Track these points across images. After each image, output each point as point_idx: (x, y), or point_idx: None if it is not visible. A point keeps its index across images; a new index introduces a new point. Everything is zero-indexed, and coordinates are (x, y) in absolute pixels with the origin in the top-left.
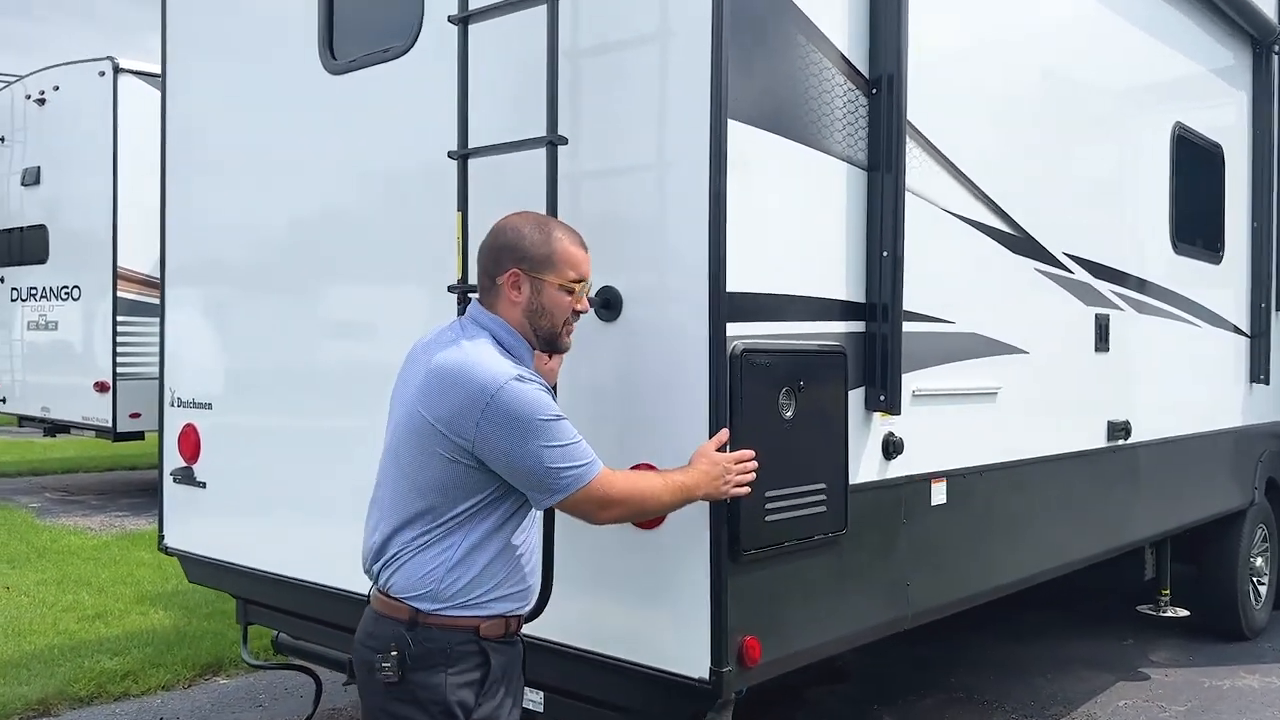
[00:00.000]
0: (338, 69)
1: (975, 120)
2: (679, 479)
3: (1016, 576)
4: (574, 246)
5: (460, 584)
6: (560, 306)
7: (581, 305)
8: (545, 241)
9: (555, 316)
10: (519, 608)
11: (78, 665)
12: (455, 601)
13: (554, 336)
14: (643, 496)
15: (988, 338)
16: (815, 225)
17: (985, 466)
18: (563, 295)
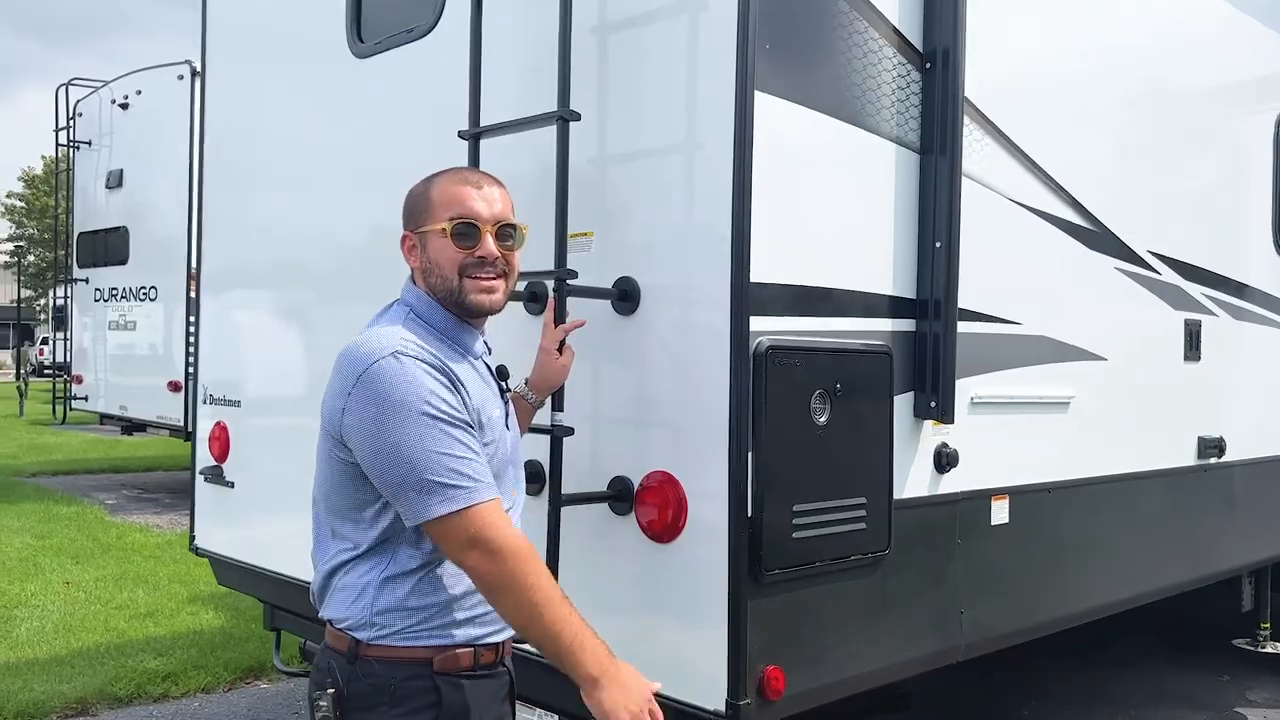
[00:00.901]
0: (364, 52)
1: (1046, 102)
2: (580, 630)
3: (1087, 606)
4: (455, 184)
5: (398, 608)
6: (444, 255)
7: (484, 250)
8: (424, 191)
9: (444, 269)
10: (491, 634)
11: (121, 664)
12: (396, 629)
13: (452, 294)
14: (527, 573)
15: (1060, 341)
16: (858, 212)
17: (1055, 483)
18: (445, 241)
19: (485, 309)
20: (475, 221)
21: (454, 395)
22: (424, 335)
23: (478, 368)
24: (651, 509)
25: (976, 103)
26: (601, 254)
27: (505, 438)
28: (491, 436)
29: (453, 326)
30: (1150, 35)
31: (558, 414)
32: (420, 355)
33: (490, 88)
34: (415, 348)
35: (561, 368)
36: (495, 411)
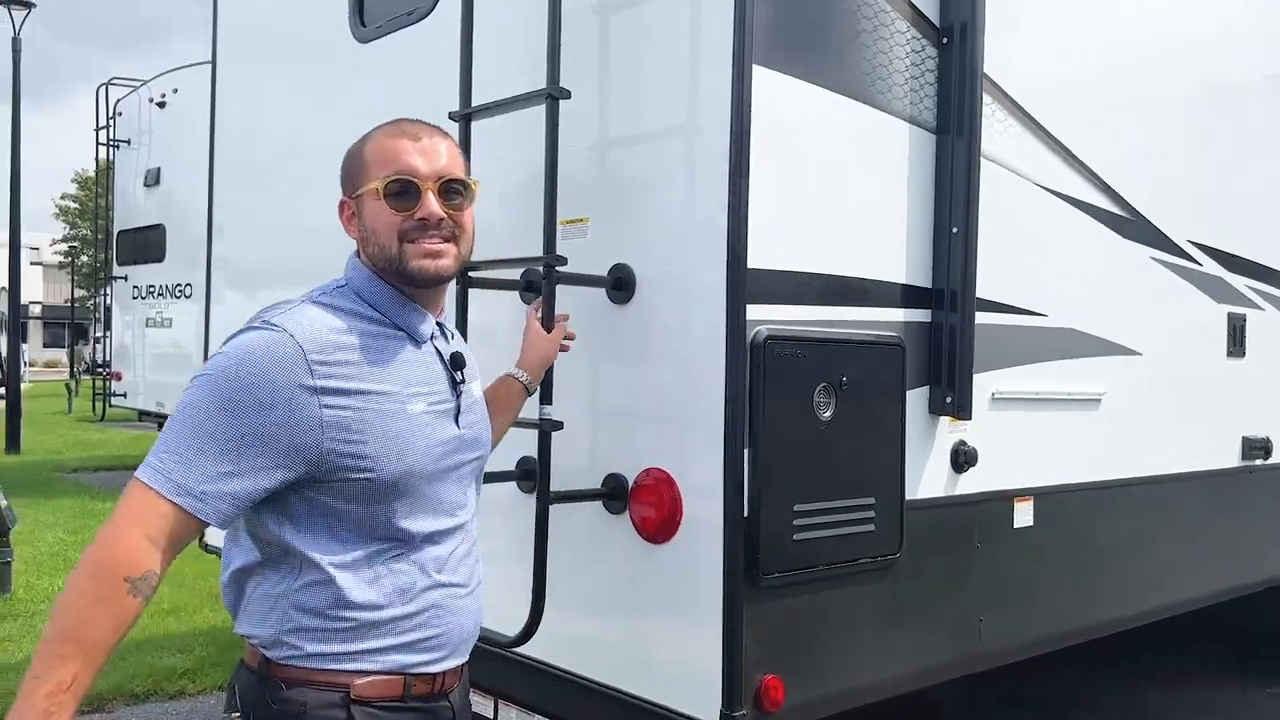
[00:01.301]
0: (366, 36)
1: (1075, 81)
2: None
3: (1120, 614)
4: (389, 138)
5: (314, 626)
6: (381, 220)
7: (425, 210)
8: (359, 149)
9: (380, 236)
10: (428, 662)
11: (141, 661)
12: (309, 650)
13: (393, 263)
14: (93, 549)
15: (1090, 335)
16: (868, 195)
17: (1084, 484)
18: (380, 204)
19: (431, 276)
20: (413, 178)
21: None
22: (347, 316)
23: (422, 354)
24: (645, 507)
25: (999, 81)
26: (598, 240)
27: (442, 433)
28: (406, 427)
29: (395, 306)
30: (1190, 11)
31: (546, 407)
32: (291, 326)
33: (490, 70)
34: (307, 325)
35: (552, 344)
36: (420, 406)
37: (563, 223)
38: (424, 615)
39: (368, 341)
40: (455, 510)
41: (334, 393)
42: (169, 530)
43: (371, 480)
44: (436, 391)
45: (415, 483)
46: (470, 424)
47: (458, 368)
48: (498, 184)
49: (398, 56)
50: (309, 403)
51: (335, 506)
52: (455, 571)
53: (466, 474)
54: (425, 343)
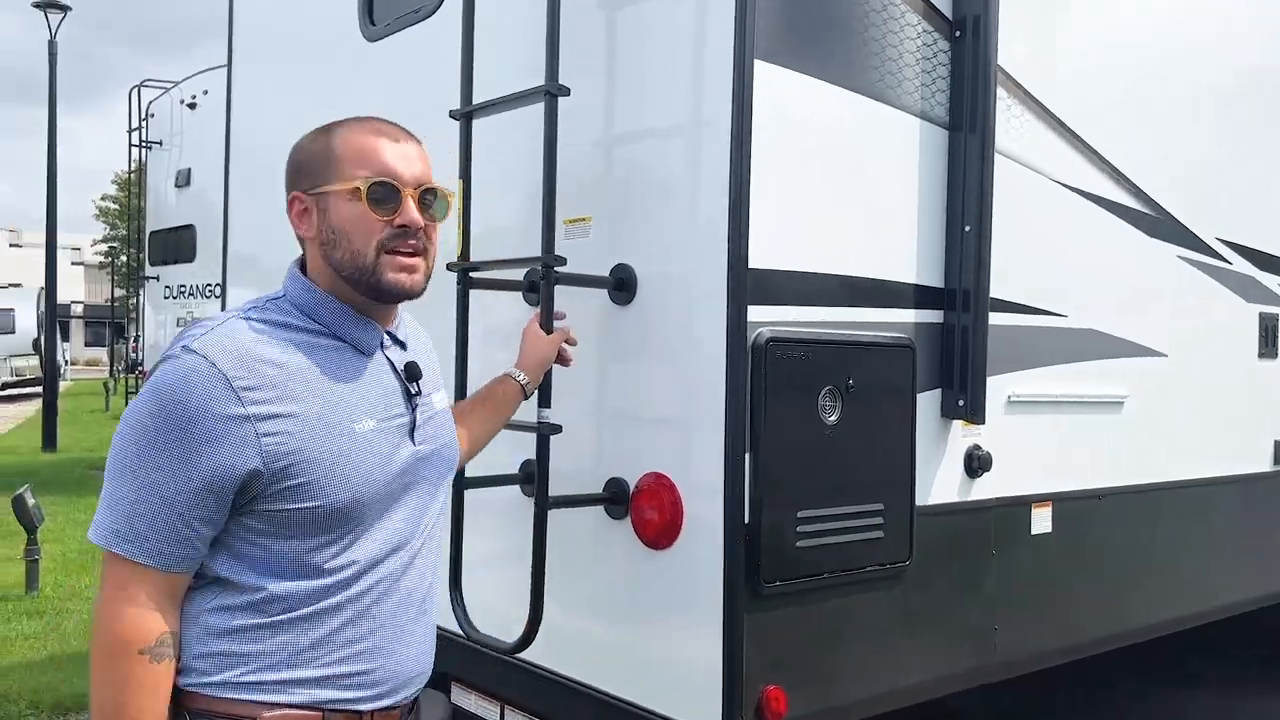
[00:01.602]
0: (375, 35)
1: (1096, 74)
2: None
3: (1144, 623)
4: (366, 134)
5: (224, 652)
6: (356, 223)
7: (406, 217)
8: (324, 143)
9: (354, 240)
10: (355, 700)
11: None
12: (218, 677)
13: (364, 272)
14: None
15: (1112, 336)
16: (877, 193)
17: (1106, 490)
18: (358, 206)
19: (404, 293)
20: (396, 182)
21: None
22: (279, 330)
23: (372, 366)
24: (646, 512)
25: (1015, 75)
26: (600, 240)
27: (396, 452)
28: (352, 448)
29: (343, 319)
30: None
31: (544, 410)
32: (224, 358)
33: (495, 70)
34: (229, 346)
35: (551, 345)
36: (368, 424)
37: (565, 222)
38: (353, 648)
39: (304, 357)
40: (407, 532)
41: (269, 418)
42: (157, 591)
43: (318, 509)
44: (389, 406)
45: (364, 508)
46: (429, 438)
47: (413, 379)
48: (502, 184)
49: (405, 54)
50: (243, 431)
51: (275, 532)
52: (398, 600)
53: (425, 492)
54: (373, 354)
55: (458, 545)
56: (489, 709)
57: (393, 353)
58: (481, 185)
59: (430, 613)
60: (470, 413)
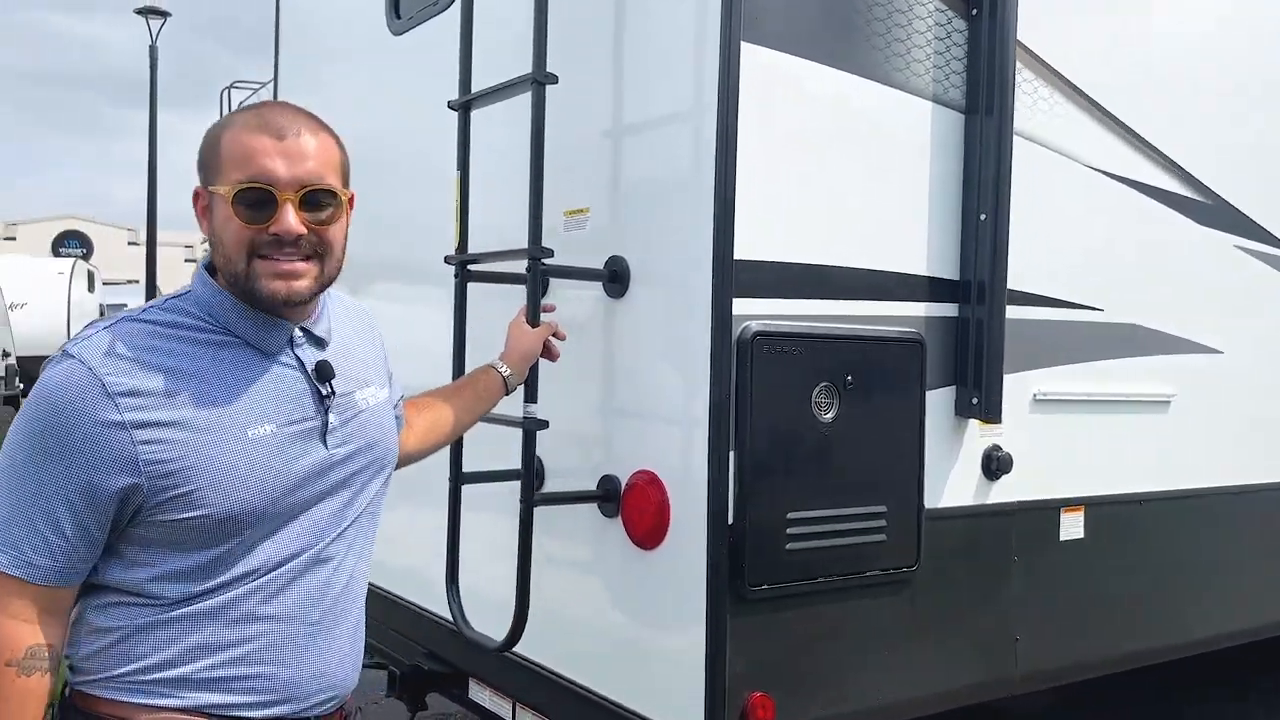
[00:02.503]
0: (400, 28)
1: (1137, 51)
2: None
3: (1190, 638)
4: (249, 132)
5: (101, 649)
6: (229, 230)
7: (280, 225)
8: (216, 136)
9: (228, 247)
10: (244, 705)
11: None
12: (99, 675)
13: (238, 279)
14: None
15: (1157, 331)
16: (883, 182)
17: (1147, 495)
18: (230, 210)
19: (281, 300)
20: (270, 186)
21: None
22: (170, 331)
23: (275, 368)
24: (634, 511)
25: (1043, 55)
26: (597, 232)
27: (300, 458)
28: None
29: (237, 316)
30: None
31: (530, 405)
32: (102, 363)
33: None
34: (109, 350)
35: (536, 338)
36: (265, 429)
37: (566, 214)
38: (235, 651)
39: (194, 361)
40: (310, 538)
41: (147, 425)
42: (33, 603)
43: (205, 518)
44: (294, 410)
45: (256, 516)
46: (349, 438)
47: (324, 379)
48: (508, 176)
49: (427, 46)
50: (119, 440)
51: (161, 539)
52: (292, 605)
53: (342, 495)
54: (279, 355)
55: (454, 542)
56: (502, 705)
57: (304, 352)
58: (487, 178)
59: (349, 620)
60: (446, 400)
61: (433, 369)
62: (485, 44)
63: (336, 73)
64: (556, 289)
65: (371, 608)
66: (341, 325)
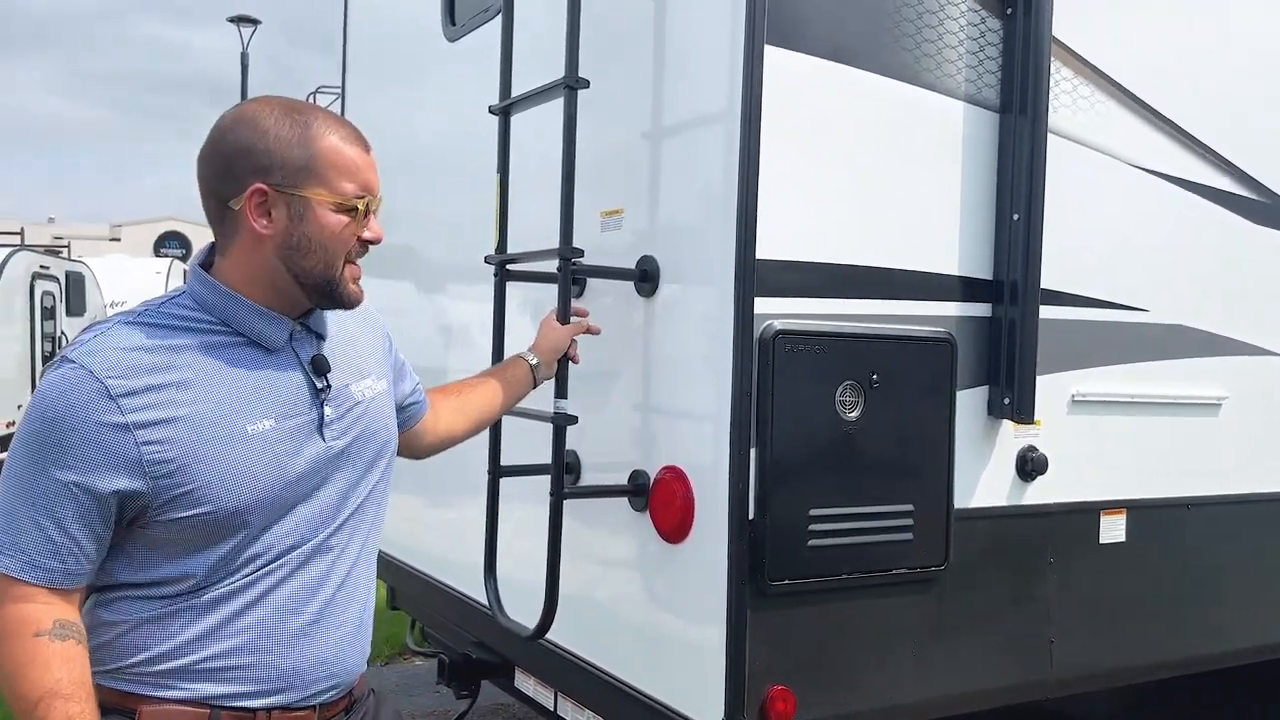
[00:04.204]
0: (454, 35)
1: (1188, 48)
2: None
3: (1241, 645)
4: (349, 145)
5: (109, 640)
6: (335, 236)
7: (374, 232)
8: (303, 138)
9: (329, 251)
10: (242, 695)
11: None
12: (100, 668)
13: (330, 285)
14: (6, 668)
15: (1206, 332)
16: (912, 182)
17: (1196, 499)
18: (338, 218)
19: (357, 302)
20: (372, 198)
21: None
22: (168, 331)
23: (275, 361)
24: (660, 506)
25: (1083, 53)
26: (630, 232)
27: (299, 452)
28: (243, 451)
29: (241, 311)
30: None
31: (560, 401)
32: (103, 366)
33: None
34: (109, 352)
35: (566, 334)
36: (265, 424)
37: (602, 214)
38: (242, 640)
39: (194, 357)
40: (308, 529)
41: (150, 425)
42: (46, 599)
43: (208, 515)
44: (293, 404)
45: (257, 510)
46: (346, 430)
47: (320, 373)
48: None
49: (481, 52)
50: (122, 441)
51: (163, 536)
52: (290, 594)
53: (340, 486)
54: (280, 349)
55: (493, 532)
56: (545, 694)
57: (301, 346)
58: (533, 180)
59: (353, 608)
60: (474, 387)
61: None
62: (535, 50)
63: (398, 78)
64: (592, 287)
65: (426, 597)
66: (343, 318)
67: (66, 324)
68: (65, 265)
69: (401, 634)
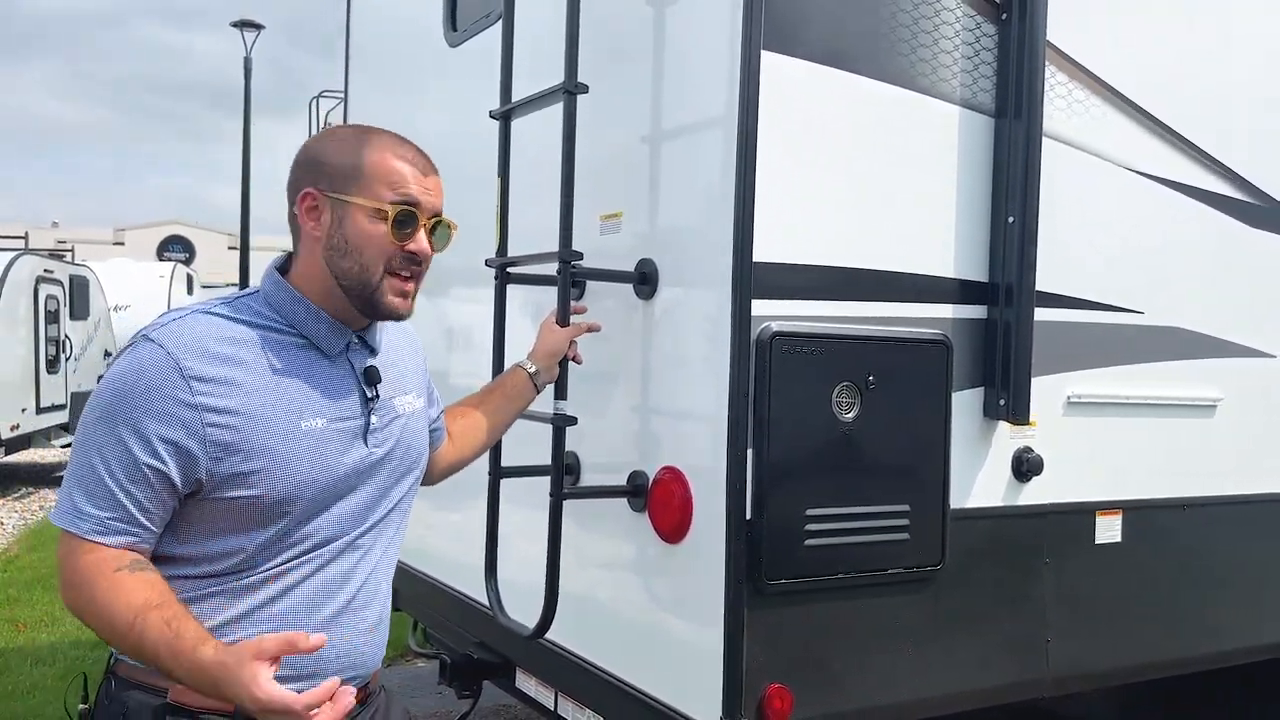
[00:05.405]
0: (456, 40)
1: (1182, 52)
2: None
3: (1231, 647)
4: (396, 157)
5: None
6: (370, 241)
7: (418, 244)
8: (354, 149)
9: (365, 256)
10: None
11: None
12: None
13: (366, 290)
14: (95, 608)
15: (1200, 334)
16: (909, 185)
17: (1191, 499)
18: (374, 225)
19: (397, 315)
20: (416, 210)
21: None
22: (242, 326)
23: (332, 368)
24: (658, 507)
25: (1078, 57)
26: (630, 235)
27: (345, 453)
28: (295, 444)
29: (312, 321)
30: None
31: (560, 402)
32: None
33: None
34: (186, 337)
35: (563, 337)
36: (317, 423)
37: (601, 218)
38: (273, 626)
39: (262, 353)
40: (343, 527)
41: (216, 410)
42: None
43: (256, 498)
44: (344, 408)
45: (301, 501)
46: (384, 441)
47: (371, 383)
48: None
49: (481, 57)
50: (190, 418)
51: (211, 518)
52: (324, 590)
53: (374, 491)
54: (337, 357)
55: (493, 532)
56: (545, 694)
57: (356, 356)
58: (535, 183)
59: (375, 605)
60: (477, 406)
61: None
62: (535, 54)
63: (399, 82)
64: (592, 290)
65: (428, 598)
66: (390, 337)
67: (70, 328)
68: (69, 269)
69: (403, 635)
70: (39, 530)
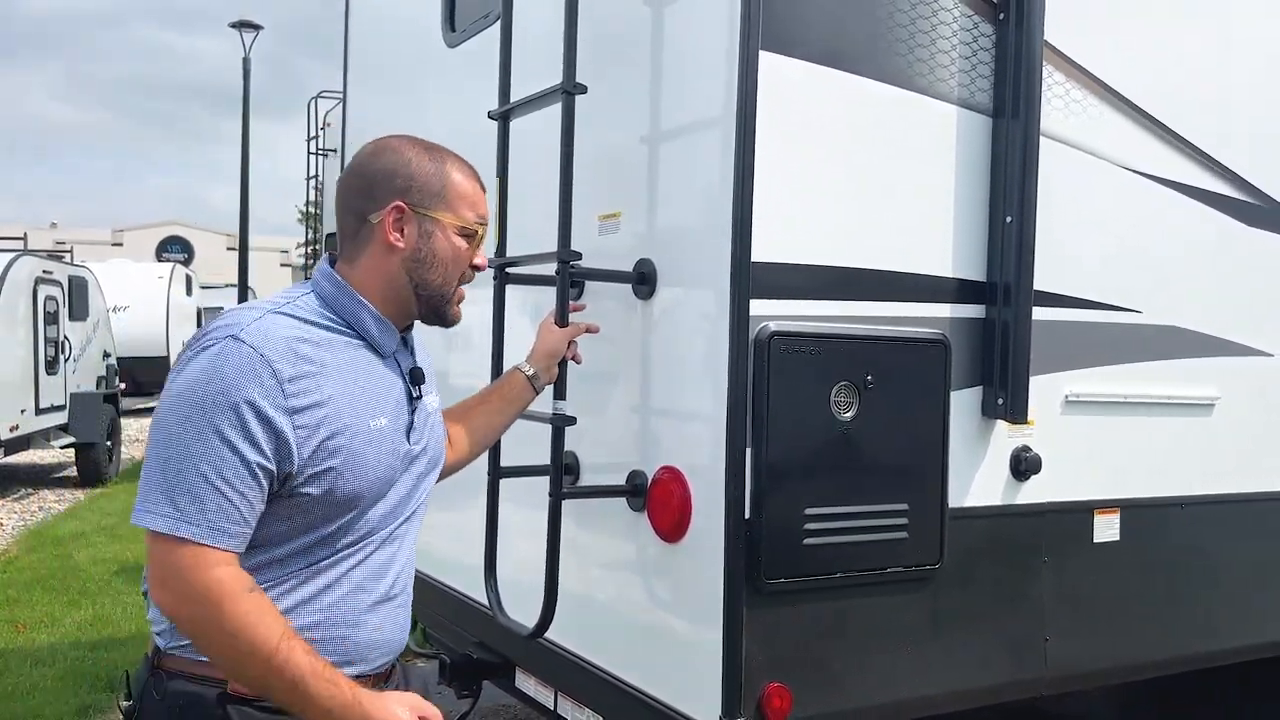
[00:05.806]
0: (454, 41)
1: (1180, 52)
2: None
3: (1229, 645)
4: (470, 179)
5: None
6: (455, 256)
7: (481, 259)
8: (439, 170)
9: (449, 270)
10: None
11: None
12: (187, 641)
13: (441, 299)
14: (230, 627)
15: (1199, 333)
16: (907, 185)
17: (1188, 498)
18: (459, 241)
19: (455, 321)
20: (484, 228)
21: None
22: (313, 328)
23: (385, 367)
24: (657, 506)
25: (1076, 57)
26: (629, 235)
27: (397, 449)
28: (367, 442)
29: (371, 322)
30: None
31: (559, 402)
32: (272, 350)
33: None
34: (275, 338)
35: (561, 338)
36: (381, 421)
37: (599, 218)
38: (325, 615)
39: (334, 354)
40: (386, 520)
41: (303, 410)
42: (232, 560)
43: (331, 493)
44: (399, 407)
45: (367, 496)
46: (419, 439)
47: (416, 383)
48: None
49: (480, 58)
50: (284, 421)
51: (285, 514)
52: (368, 579)
53: (408, 486)
54: (388, 357)
55: (493, 532)
56: (545, 694)
57: (402, 356)
58: (525, 182)
59: (400, 595)
60: (479, 406)
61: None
62: (534, 55)
63: (398, 83)
64: (590, 290)
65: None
66: (414, 340)
67: (69, 329)
68: (68, 270)
69: None
70: (38, 531)
